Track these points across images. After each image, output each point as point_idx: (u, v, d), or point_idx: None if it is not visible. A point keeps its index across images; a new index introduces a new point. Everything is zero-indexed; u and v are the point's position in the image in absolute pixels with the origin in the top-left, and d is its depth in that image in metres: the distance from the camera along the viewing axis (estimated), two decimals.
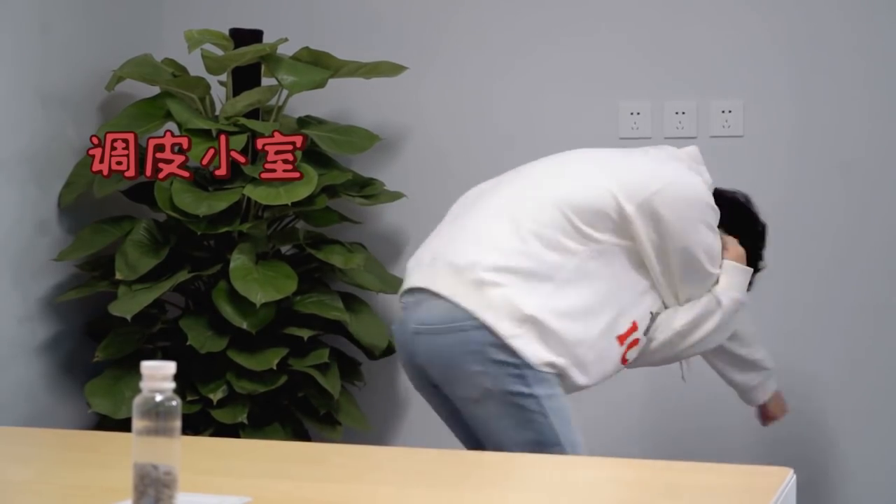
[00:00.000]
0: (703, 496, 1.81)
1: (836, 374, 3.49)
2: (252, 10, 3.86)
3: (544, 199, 2.62)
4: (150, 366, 1.43)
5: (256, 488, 1.76)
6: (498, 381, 2.54)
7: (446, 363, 2.60)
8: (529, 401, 2.54)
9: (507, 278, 2.54)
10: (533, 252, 2.56)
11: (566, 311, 2.55)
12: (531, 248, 2.56)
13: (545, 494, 1.82)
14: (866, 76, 3.46)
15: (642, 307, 2.65)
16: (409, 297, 2.65)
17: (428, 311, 2.60)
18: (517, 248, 2.56)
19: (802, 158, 3.51)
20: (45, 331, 3.49)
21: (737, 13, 3.54)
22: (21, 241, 3.42)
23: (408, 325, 2.64)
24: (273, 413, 3.45)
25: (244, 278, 3.30)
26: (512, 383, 2.54)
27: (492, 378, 2.54)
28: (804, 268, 3.51)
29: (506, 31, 3.71)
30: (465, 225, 2.67)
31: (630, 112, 3.61)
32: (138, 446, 1.42)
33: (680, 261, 2.65)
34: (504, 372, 2.53)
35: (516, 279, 2.54)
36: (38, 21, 3.46)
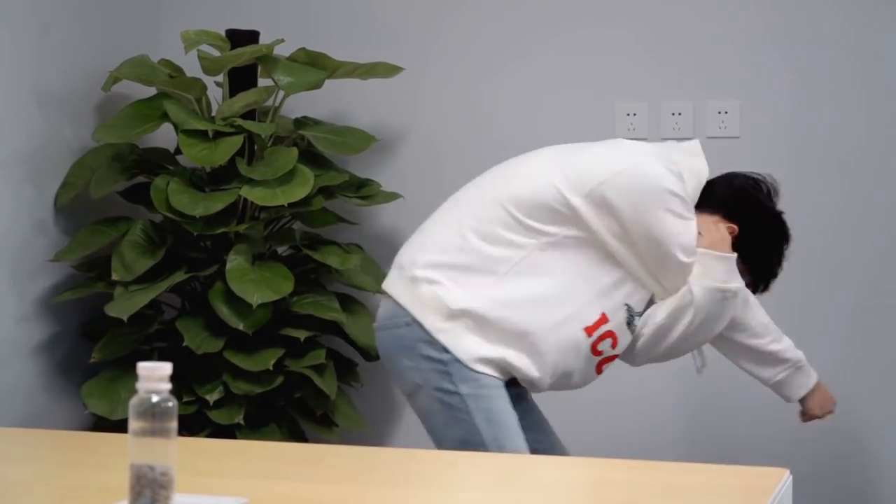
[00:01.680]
0: (700, 497, 1.81)
1: (834, 374, 3.47)
2: (249, 11, 3.86)
3: (486, 197, 2.66)
4: (146, 367, 1.43)
5: (253, 489, 1.76)
6: (426, 377, 2.60)
7: (385, 358, 2.71)
8: (454, 398, 2.59)
9: (442, 274, 2.60)
10: (472, 247, 2.60)
11: (509, 301, 2.58)
12: (471, 244, 2.61)
13: (542, 495, 1.82)
14: (863, 76, 3.46)
15: (614, 299, 2.64)
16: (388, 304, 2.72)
17: (380, 310, 2.72)
18: (456, 245, 2.62)
19: (799, 159, 3.51)
20: (41, 331, 3.49)
21: (733, 14, 3.54)
22: (17, 241, 3.42)
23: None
24: (269, 414, 3.45)
25: (241, 279, 3.29)
26: (439, 380, 2.59)
27: (421, 374, 2.61)
28: (802, 268, 3.50)
29: (502, 32, 3.71)
30: (422, 228, 2.75)
31: (626, 113, 3.61)
32: (135, 447, 1.42)
33: (648, 250, 2.63)
34: (432, 368, 2.59)
35: (453, 274, 2.60)
36: (35, 21, 3.46)
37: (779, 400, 3.52)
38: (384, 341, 2.69)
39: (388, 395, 3.80)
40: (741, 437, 3.52)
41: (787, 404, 3.50)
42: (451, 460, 2.18)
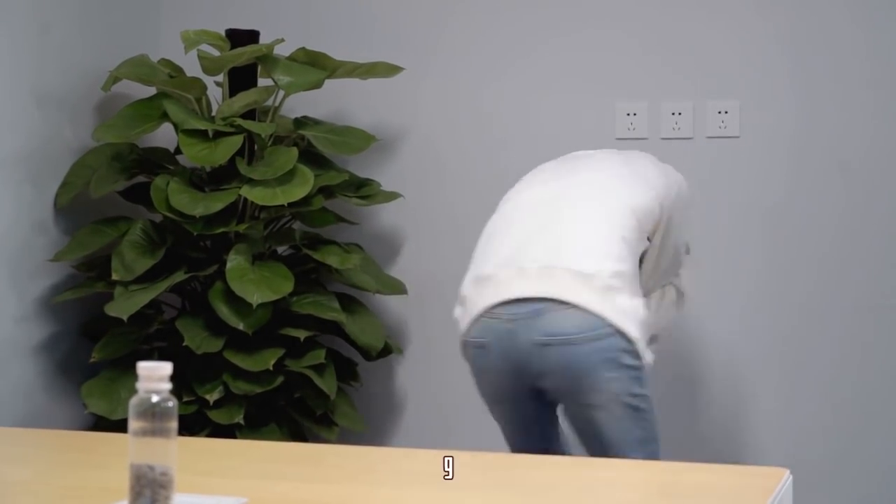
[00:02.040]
0: (701, 497, 1.81)
1: (834, 374, 3.49)
2: (249, 10, 3.86)
3: (624, 206, 2.70)
4: (146, 366, 1.43)
5: (253, 489, 1.76)
6: (624, 385, 2.61)
7: (579, 372, 2.59)
8: (643, 400, 2.65)
9: (624, 283, 2.61)
10: (626, 256, 2.65)
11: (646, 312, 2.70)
12: (625, 253, 2.65)
13: (543, 494, 1.82)
14: (863, 76, 3.46)
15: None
16: (518, 307, 2.60)
17: (557, 322, 2.58)
18: (622, 254, 2.64)
19: (799, 159, 3.51)
20: (41, 331, 3.49)
21: (733, 14, 3.54)
22: (17, 241, 3.42)
23: (524, 337, 2.60)
24: (269, 414, 3.45)
25: (241, 279, 3.29)
26: (634, 386, 2.62)
27: (620, 383, 2.60)
28: (801, 268, 3.51)
29: (502, 32, 3.71)
30: (562, 232, 2.67)
31: (626, 113, 3.61)
32: (135, 447, 1.42)
33: (674, 255, 2.86)
34: (629, 375, 2.61)
35: (628, 282, 2.63)
36: (35, 21, 3.46)
37: (778, 400, 3.53)
38: (582, 355, 2.58)
39: (387, 394, 3.81)
40: (741, 437, 3.52)
41: (787, 404, 3.51)
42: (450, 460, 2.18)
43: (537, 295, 2.59)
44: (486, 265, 2.67)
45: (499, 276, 2.63)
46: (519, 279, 2.61)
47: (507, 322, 2.61)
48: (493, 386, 2.72)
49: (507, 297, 2.60)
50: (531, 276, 2.60)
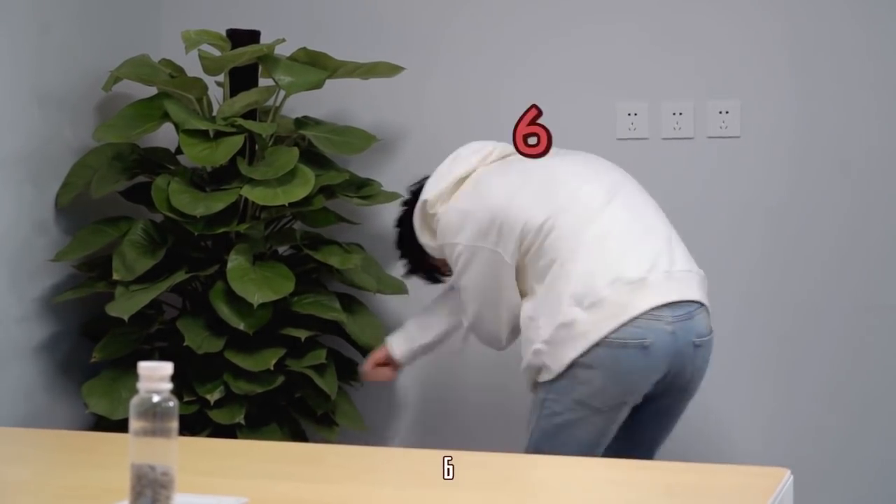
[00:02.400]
0: (701, 497, 1.81)
1: (835, 373, 3.49)
2: (249, 10, 3.86)
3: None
4: (147, 366, 1.43)
5: (253, 489, 1.76)
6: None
7: (703, 369, 2.88)
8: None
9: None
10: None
11: None
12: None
13: (544, 494, 1.82)
14: (864, 76, 3.46)
15: None
16: (675, 309, 2.76)
17: (702, 323, 2.81)
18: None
19: (800, 159, 3.51)
20: (42, 331, 3.49)
21: (734, 14, 3.54)
22: (18, 241, 3.42)
23: (683, 338, 2.77)
24: (270, 414, 3.45)
25: (241, 279, 3.29)
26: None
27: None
28: (802, 268, 3.51)
29: (502, 32, 3.71)
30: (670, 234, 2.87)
31: (627, 113, 3.61)
32: (135, 447, 1.42)
33: None
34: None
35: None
36: (36, 21, 3.46)
37: (778, 400, 3.53)
38: (707, 353, 2.86)
39: (388, 394, 3.80)
40: (741, 437, 3.52)
41: (787, 404, 3.51)
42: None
43: (687, 298, 2.77)
44: (629, 269, 2.75)
45: (650, 280, 2.75)
46: (668, 283, 2.76)
47: (668, 324, 2.74)
48: (634, 386, 2.78)
49: (667, 299, 2.74)
50: (679, 280, 2.79)
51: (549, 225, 2.79)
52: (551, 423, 2.80)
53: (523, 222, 2.82)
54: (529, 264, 2.83)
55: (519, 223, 2.82)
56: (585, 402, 2.77)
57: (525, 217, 2.82)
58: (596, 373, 2.74)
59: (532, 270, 2.83)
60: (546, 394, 2.79)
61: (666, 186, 3.24)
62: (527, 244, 2.82)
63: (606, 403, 2.78)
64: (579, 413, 2.78)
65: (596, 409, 2.77)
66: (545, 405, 2.80)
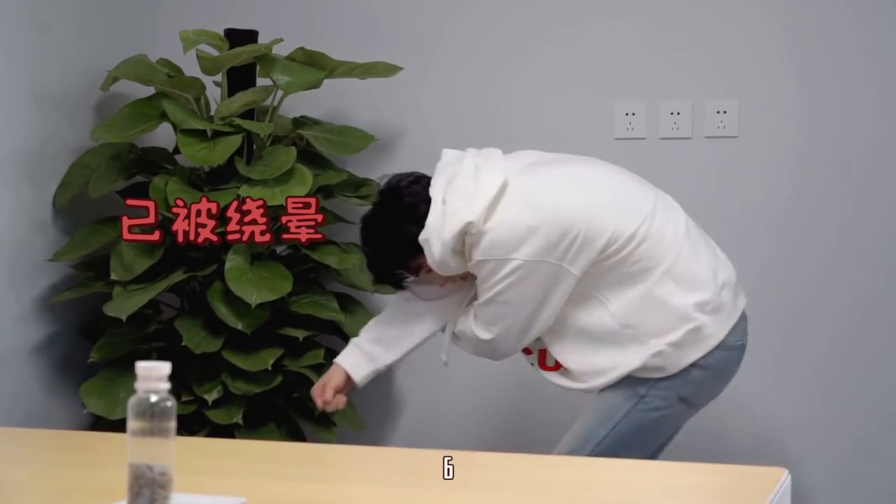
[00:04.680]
0: (700, 497, 1.81)
1: (836, 373, 3.49)
2: (247, 10, 3.86)
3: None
4: (145, 366, 1.43)
5: (251, 489, 1.76)
6: None
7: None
8: None
9: None
10: None
11: None
12: None
13: (544, 494, 1.82)
14: (863, 75, 3.46)
15: None
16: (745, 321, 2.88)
17: (743, 326, 2.90)
18: None
19: (799, 159, 3.51)
20: (40, 331, 3.49)
21: (732, 14, 3.54)
22: (16, 241, 3.42)
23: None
24: (268, 413, 3.45)
25: (239, 279, 3.29)
26: None
27: None
28: (801, 269, 3.51)
29: (501, 32, 3.71)
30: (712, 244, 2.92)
31: (625, 113, 3.61)
32: (133, 447, 1.42)
33: None
34: None
35: None
36: (34, 21, 3.46)
37: (778, 400, 3.53)
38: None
39: (385, 394, 3.80)
40: (740, 437, 3.52)
41: (787, 404, 3.51)
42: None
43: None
44: (729, 272, 2.85)
45: (735, 281, 2.86)
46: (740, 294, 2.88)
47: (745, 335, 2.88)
48: (727, 385, 2.89)
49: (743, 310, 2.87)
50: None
51: (642, 232, 2.73)
52: (648, 417, 2.80)
53: (611, 231, 2.71)
54: (608, 271, 2.74)
55: (605, 233, 2.71)
56: (688, 399, 2.81)
57: (613, 225, 2.72)
58: (709, 373, 2.79)
59: (613, 276, 2.73)
60: (649, 389, 2.78)
61: (663, 186, 3.23)
62: (610, 252, 2.73)
63: (705, 400, 2.87)
64: (677, 409, 2.82)
65: (695, 405, 2.85)
66: (645, 400, 2.78)
